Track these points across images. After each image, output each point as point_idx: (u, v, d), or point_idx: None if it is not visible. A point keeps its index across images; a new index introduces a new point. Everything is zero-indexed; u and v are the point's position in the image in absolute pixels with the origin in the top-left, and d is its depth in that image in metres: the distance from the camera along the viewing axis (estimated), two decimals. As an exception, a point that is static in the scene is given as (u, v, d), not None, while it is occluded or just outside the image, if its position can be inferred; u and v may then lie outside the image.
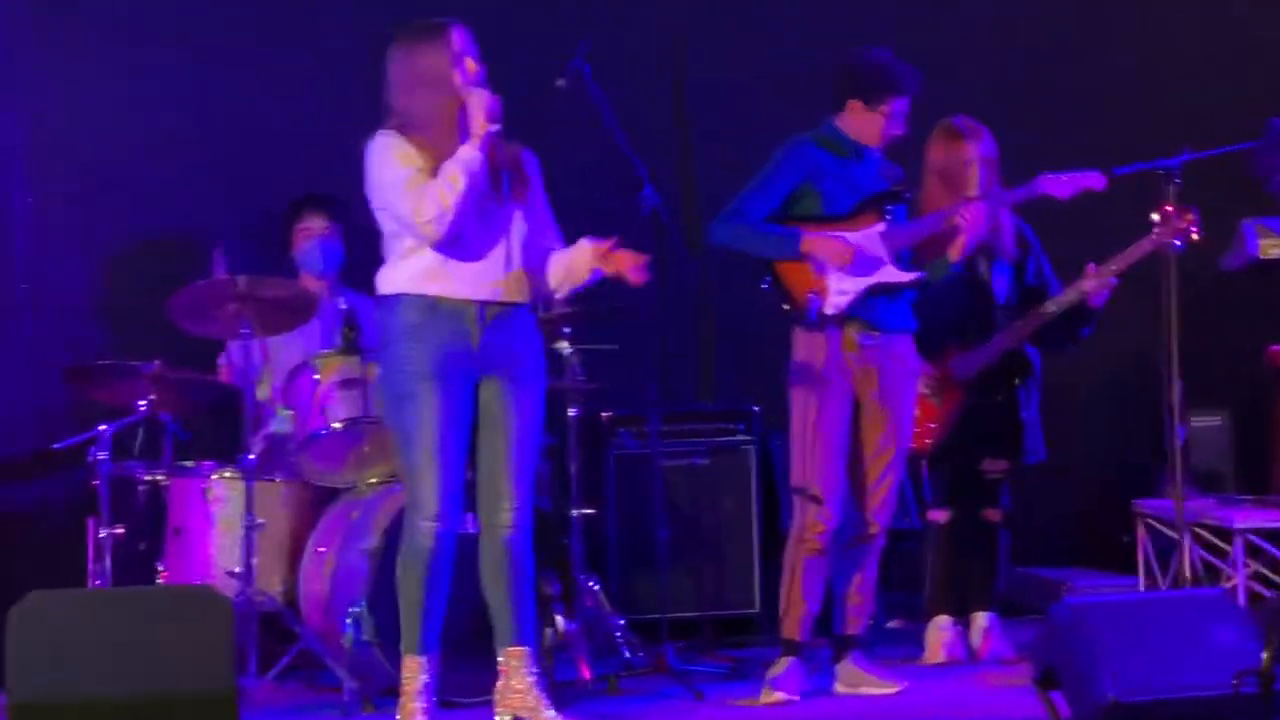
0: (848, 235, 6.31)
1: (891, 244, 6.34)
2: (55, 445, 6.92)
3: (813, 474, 6.28)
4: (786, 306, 6.35)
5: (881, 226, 6.35)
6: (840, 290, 6.28)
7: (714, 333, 8.03)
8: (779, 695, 6.26)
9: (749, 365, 7.71)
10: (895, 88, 6.40)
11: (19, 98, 7.54)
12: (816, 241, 6.27)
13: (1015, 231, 7.05)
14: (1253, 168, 7.44)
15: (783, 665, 6.33)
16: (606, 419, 7.61)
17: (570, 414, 6.94)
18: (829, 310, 6.27)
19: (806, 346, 6.33)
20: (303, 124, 7.73)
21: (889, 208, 6.39)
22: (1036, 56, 8.61)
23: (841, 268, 6.25)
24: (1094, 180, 6.60)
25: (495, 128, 5.60)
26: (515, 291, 5.72)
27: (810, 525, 6.30)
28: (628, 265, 5.70)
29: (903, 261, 6.37)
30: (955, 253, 6.47)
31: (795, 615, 6.34)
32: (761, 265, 6.38)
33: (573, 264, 5.81)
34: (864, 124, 6.42)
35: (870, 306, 6.34)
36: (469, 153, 5.59)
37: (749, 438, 7.76)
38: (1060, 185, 6.59)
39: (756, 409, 7.72)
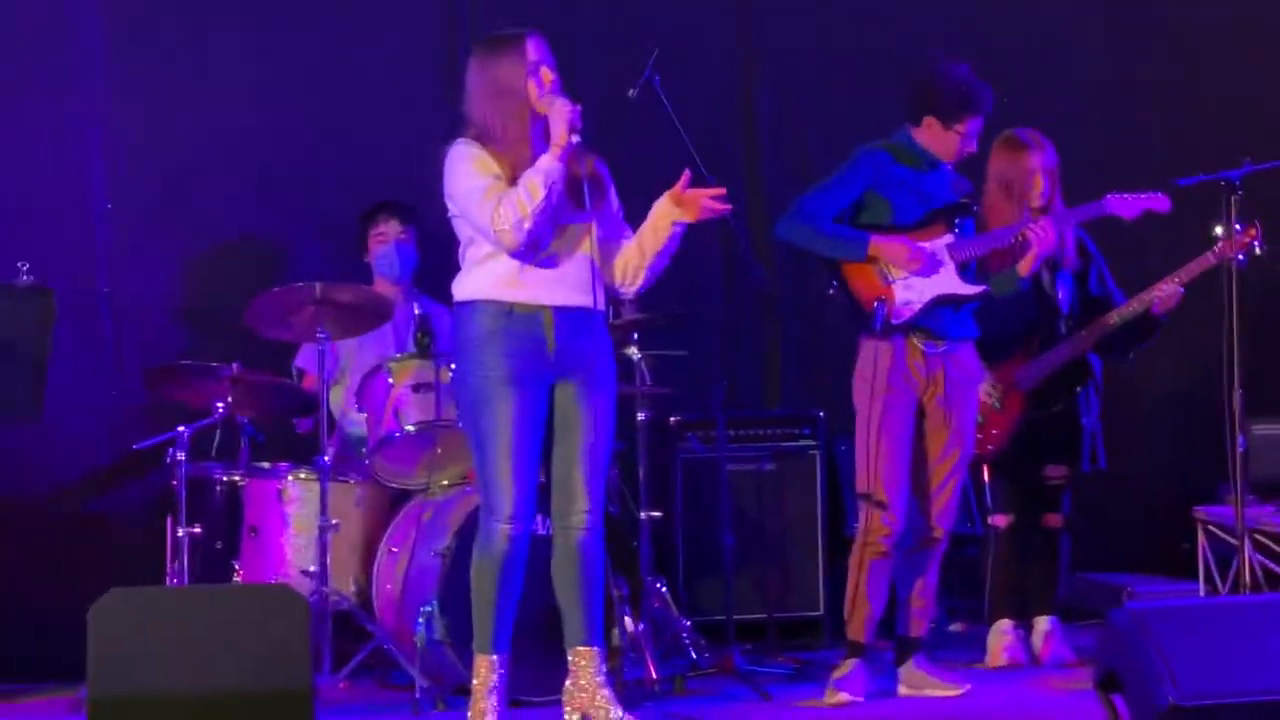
0: (917, 243, 6.33)
1: (959, 255, 6.35)
2: (135, 446, 6.95)
3: (877, 479, 6.29)
4: (853, 313, 6.37)
5: (949, 238, 6.36)
6: (906, 300, 6.30)
7: (780, 338, 8.04)
8: (843, 696, 6.26)
9: (814, 371, 7.74)
10: (972, 108, 6.39)
11: (99, 110, 7.58)
12: (884, 245, 6.30)
13: (1077, 243, 7.06)
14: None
15: (847, 667, 6.34)
16: (674, 424, 7.63)
17: (639, 418, 6.95)
18: (894, 319, 6.29)
19: (872, 353, 6.34)
20: (376, 131, 7.77)
21: (958, 220, 6.40)
22: (1100, 69, 8.60)
23: (908, 272, 6.28)
24: (1159, 202, 6.66)
25: (576, 139, 5.61)
26: (590, 298, 5.74)
27: (875, 529, 6.31)
28: (707, 202, 5.72)
29: (968, 272, 6.38)
30: (1024, 268, 6.50)
31: (860, 618, 6.35)
32: (829, 271, 6.41)
33: (651, 229, 5.79)
34: (939, 140, 6.42)
35: (935, 316, 6.35)
36: (549, 162, 5.59)
37: (814, 443, 7.78)
38: (1126, 206, 6.64)
39: (821, 414, 7.74)
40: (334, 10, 7.84)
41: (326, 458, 6.66)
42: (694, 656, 6.78)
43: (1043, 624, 7.13)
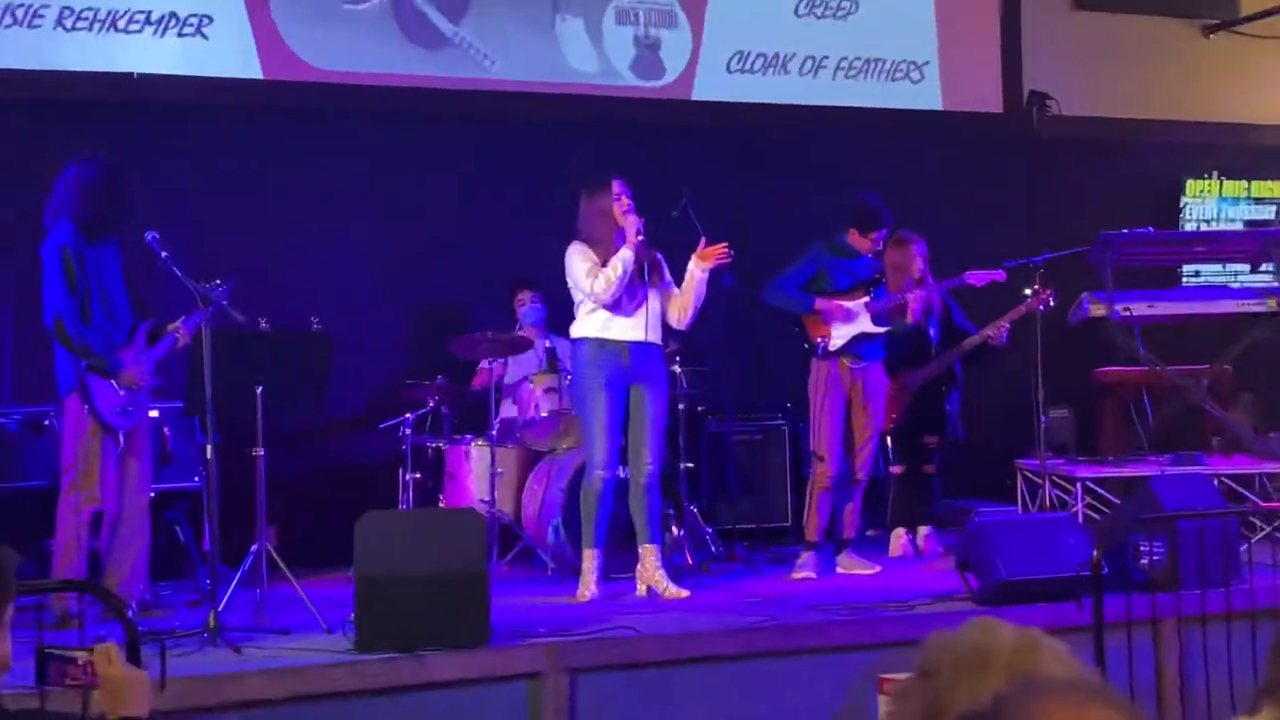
0: (845, 303, 6.37)
1: (872, 309, 6.41)
2: (380, 425, 7.01)
3: (822, 443, 6.37)
4: (807, 345, 6.41)
5: (866, 299, 6.42)
6: (839, 336, 6.36)
7: (765, 360, 8.01)
8: (804, 573, 6.33)
9: (784, 379, 7.69)
10: (879, 224, 6.50)
11: (361, 222, 7.61)
12: (824, 304, 6.39)
13: (941, 301, 7.08)
14: (1087, 261, 7.42)
15: (805, 556, 6.40)
16: (701, 411, 7.56)
17: (680, 408, 6.95)
18: (832, 347, 6.36)
19: (818, 369, 6.41)
20: (514, 235, 7.68)
21: (871, 288, 6.46)
22: (959, 196, 8.59)
23: (838, 320, 6.31)
24: (999, 275, 6.76)
25: (641, 238, 5.69)
26: (651, 336, 5.81)
27: (820, 474, 6.37)
28: (717, 253, 5.79)
29: (880, 319, 6.43)
30: (910, 318, 6.55)
31: (812, 526, 6.41)
32: (793, 319, 6.46)
33: (688, 280, 5.88)
34: (859, 242, 6.50)
35: (856, 346, 6.41)
36: (625, 253, 5.70)
37: (784, 422, 7.73)
38: (978, 277, 6.71)
39: (789, 405, 7.69)
40: (490, 176, 7.81)
41: (494, 432, 6.71)
42: (713, 550, 6.81)
43: (924, 531, 7.16)
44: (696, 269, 5.85)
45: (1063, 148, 8.80)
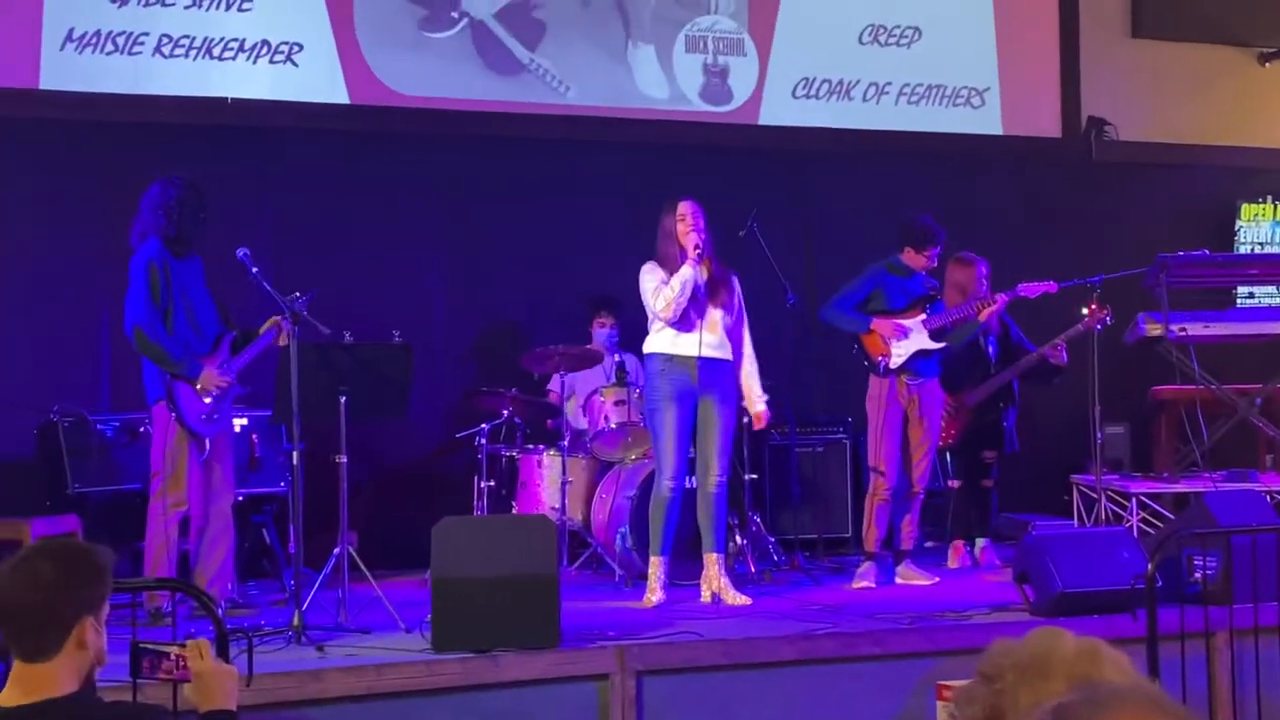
0: (901, 322, 6.32)
1: (929, 326, 6.35)
2: (457, 435, 7.04)
3: (880, 458, 6.30)
4: (867, 363, 6.37)
5: (923, 316, 6.37)
6: (897, 354, 6.31)
7: (825, 375, 7.94)
8: (863, 583, 6.26)
9: (844, 395, 7.62)
10: (933, 242, 6.43)
11: (435, 248, 7.64)
12: (879, 323, 6.33)
13: (999, 318, 7.00)
14: (1143, 282, 7.34)
15: (865, 566, 6.34)
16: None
17: (744, 421, 6.87)
18: (892, 365, 6.29)
19: (877, 386, 6.35)
20: (595, 255, 7.66)
21: (927, 305, 6.40)
22: (1018, 218, 8.52)
23: (895, 340, 6.26)
24: (1050, 286, 6.65)
25: (698, 253, 5.73)
26: (716, 352, 5.79)
27: (879, 487, 6.31)
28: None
29: (940, 334, 6.38)
30: (981, 317, 6.62)
31: (872, 537, 6.35)
32: (852, 338, 6.42)
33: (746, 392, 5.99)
34: (914, 260, 6.44)
35: (914, 363, 6.35)
36: (685, 270, 5.71)
37: (845, 436, 7.68)
38: (1031, 290, 6.63)
39: (849, 420, 7.63)
40: (564, 197, 7.82)
41: (565, 442, 6.71)
42: (775, 559, 6.76)
43: (981, 543, 7.07)
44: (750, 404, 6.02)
45: (1120, 172, 8.71)
